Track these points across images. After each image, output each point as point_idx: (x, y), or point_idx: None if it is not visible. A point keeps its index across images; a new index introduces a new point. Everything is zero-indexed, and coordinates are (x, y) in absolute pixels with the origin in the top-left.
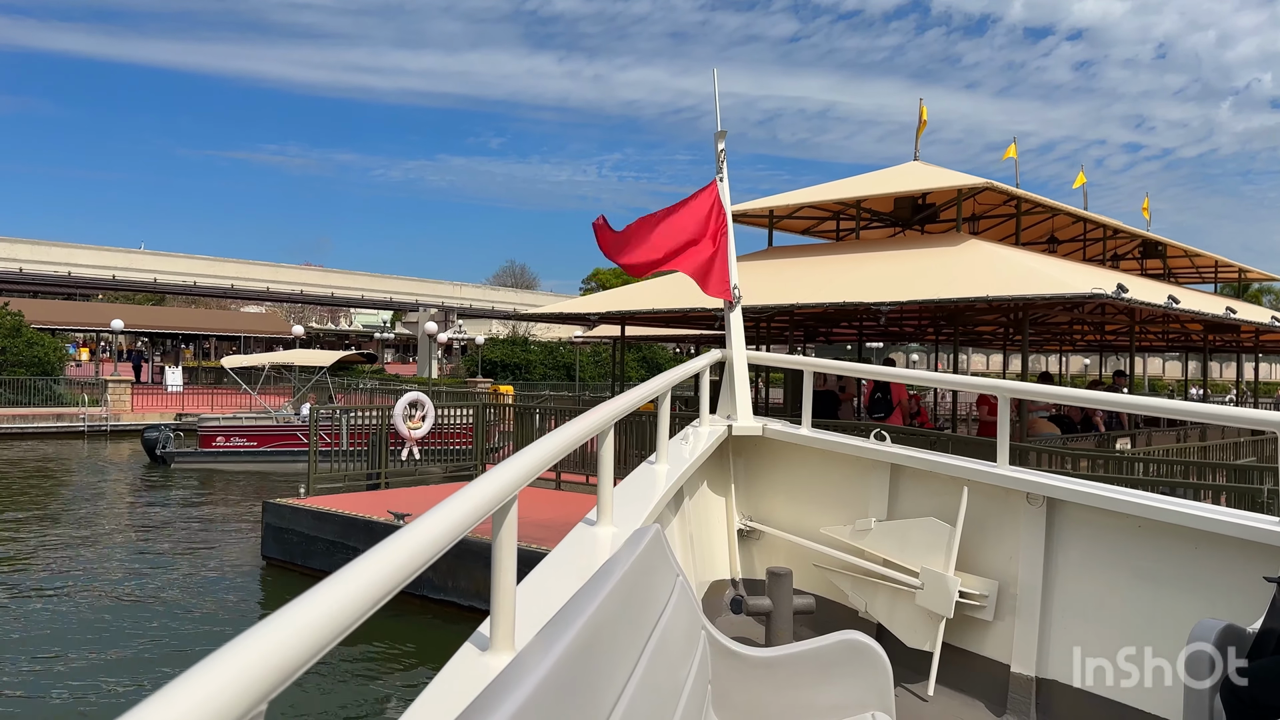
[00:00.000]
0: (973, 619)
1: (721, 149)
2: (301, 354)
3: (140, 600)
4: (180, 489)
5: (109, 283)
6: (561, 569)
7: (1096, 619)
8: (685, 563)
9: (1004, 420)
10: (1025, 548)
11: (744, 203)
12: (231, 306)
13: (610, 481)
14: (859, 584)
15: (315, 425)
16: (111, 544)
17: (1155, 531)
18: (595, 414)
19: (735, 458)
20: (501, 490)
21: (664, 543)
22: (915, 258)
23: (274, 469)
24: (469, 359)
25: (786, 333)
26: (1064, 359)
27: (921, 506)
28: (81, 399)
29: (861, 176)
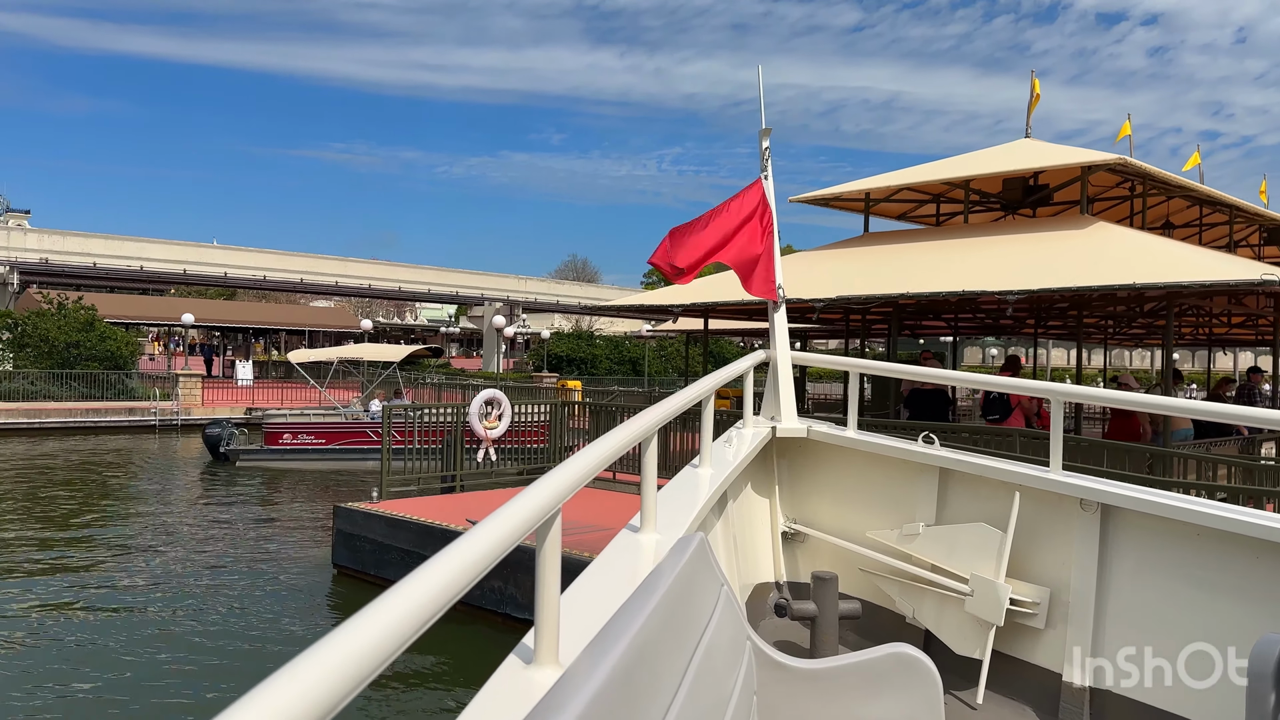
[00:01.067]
0: (1023, 626)
1: (766, 147)
2: (370, 348)
3: (204, 611)
4: (245, 489)
5: (180, 277)
6: (605, 578)
7: (1152, 628)
8: (729, 566)
9: (1057, 424)
10: (1078, 554)
11: (837, 186)
12: (301, 301)
13: (654, 487)
14: (906, 589)
15: (389, 424)
16: (175, 548)
17: (1215, 540)
18: (638, 421)
19: (779, 459)
20: (546, 504)
21: (708, 551)
22: (1035, 243)
23: (342, 468)
24: (534, 353)
25: (874, 326)
26: (1151, 353)
27: (971, 511)
28: (153, 393)
29: (967, 155)
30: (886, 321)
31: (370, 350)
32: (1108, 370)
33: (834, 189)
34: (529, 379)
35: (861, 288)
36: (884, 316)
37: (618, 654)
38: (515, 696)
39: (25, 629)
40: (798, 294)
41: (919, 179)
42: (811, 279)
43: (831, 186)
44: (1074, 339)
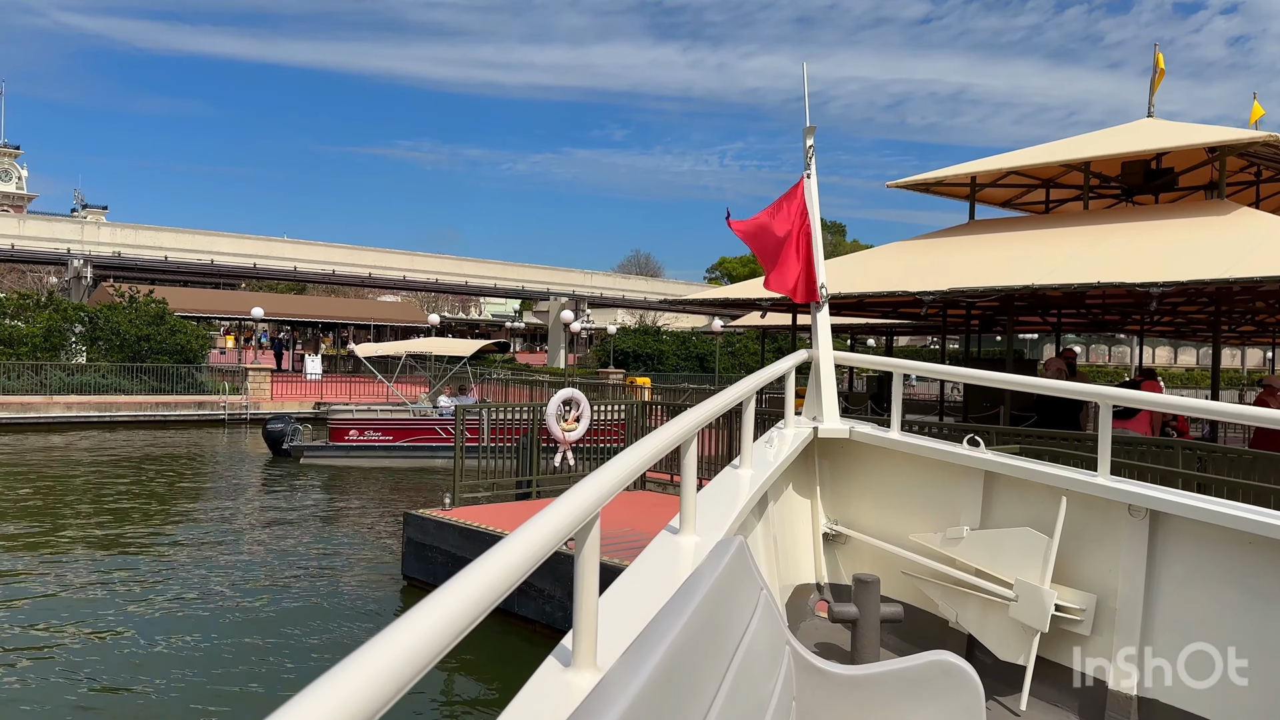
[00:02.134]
0: (1069, 633)
1: (810, 145)
2: (439, 342)
3: (263, 621)
4: (308, 488)
5: (250, 271)
6: (645, 581)
7: (1202, 637)
8: (769, 567)
9: (1105, 429)
10: (1126, 561)
11: (940, 169)
12: (369, 295)
13: (693, 489)
14: (949, 594)
15: (462, 425)
16: (232, 553)
17: (1267, 548)
18: (678, 423)
19: (821, 460)
20: (585, 509)
21: (748, 555)
22: (1170, 230)
23: (410, 465)
24: (599, 348)
25: (967, 322)
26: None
27: (1016, 516)
28: (222, 387)
29: (1082, 136)
30: (978, 316)
31: (439, 344)
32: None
33: (936, 173)
34: (595, 375)
35: (984, 278)
36: (985, 310)
37: (656, 659)
38: (554, 700)
39: (70, 629)
40: (904, 286)
41: (1030, 162)
42: (918, 270)
43: (933, 171)
44: (1175, 336)
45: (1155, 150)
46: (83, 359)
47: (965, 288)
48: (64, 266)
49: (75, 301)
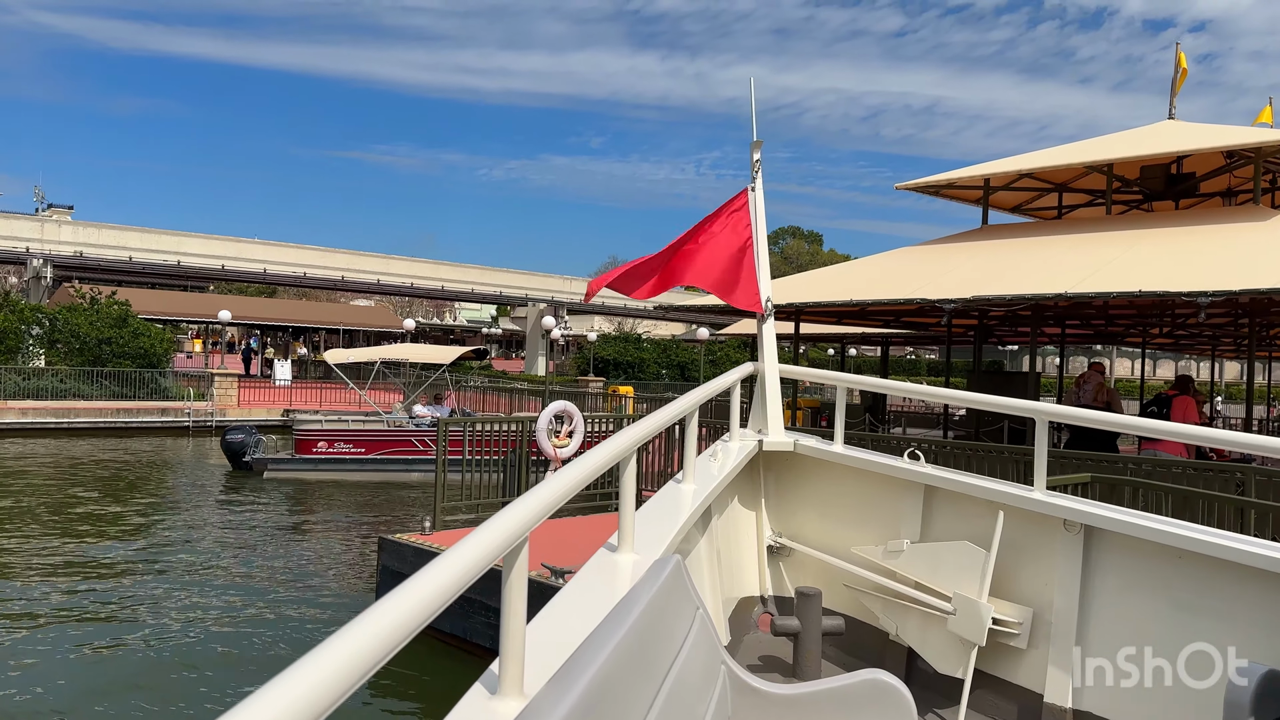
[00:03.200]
0: (1006, 646)
1: (757, 159)
2: (416, 349)
3: (215, 663)
4: (272, 506)
5: (218, 273)
6: (580, 601)
7: (1134, 651)
8: (712, 580)
9: (1041, 445)
10: (1061, 575)
11: (952, 171)
12: (341, 299)
13: (632, 507)
14: (890, 606)
15: (444, 440)
16: (185, 583)
17: (1197, 563)
18: (615, 442)
19: (766, 472)
20: (513, 533)
21: (684, 574)
22: (1203, 236)
23: (384, 479)
24: (578, 356)
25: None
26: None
27: (955, 529)
28: (187, 393)
29: (1101, 138)
30: (975, 327)
31: (416, 351)
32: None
33: (948, 174)
34: (575, 382)
35: (1011, 286)
36: (995, 321)
37: (584, 684)
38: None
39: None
40: (922, 294)
41: (1048, 164)
42: (932, 277)
43: (945, 172)
44: (1174, 349)
45: (1177, 153)
46: (40, 362)
47: (992, 295)
48: (23, 266)
49: (33, 303)
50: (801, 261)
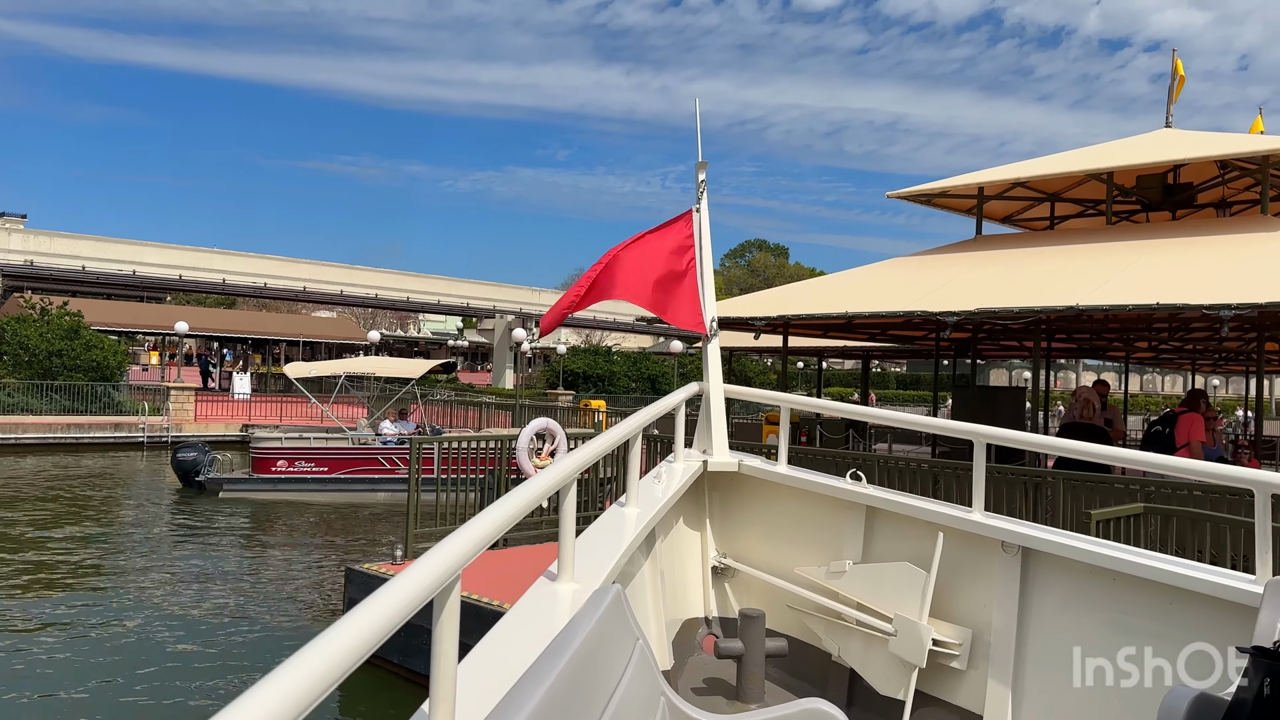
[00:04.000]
0: (946, 668)
1: (702, 179)
2: (382, 362)
3: (158, 714)
4: (227, 530)
5: (175, 283)
6: (517, 634)
7: (1070, 672)
8: (655, 603)
9: (979, 467)
10: (999, 596)
11: (944, 180)
12: (302, 311)
13: (572, 535)
14: (833, 628)
15: (417, 460)
16: (125, 618)
17: (1131, 585)
18: (554, 470)
19: (711, 493)
20: (443, 572)
21: (624, 604)
22: (1211, 247)
23: (348, 500)
24: (548, 369)
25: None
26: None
27: (897, 550)
28: (141, 407)
29: (1097, 147)
30: (956, 341)
31: (383, 364)
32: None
33: (940, 183)
34: (544, 396)
35: (1013, 298)
36: (985, 335)
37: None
38: None
39: None
40: (921, 306)
41: (1043, 172)
42: (931, 288)
43: (936, 181)
44: (1154, 364)
45: (1173, 161)
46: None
47: (998, 308)
48: None
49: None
50: (769, 274)
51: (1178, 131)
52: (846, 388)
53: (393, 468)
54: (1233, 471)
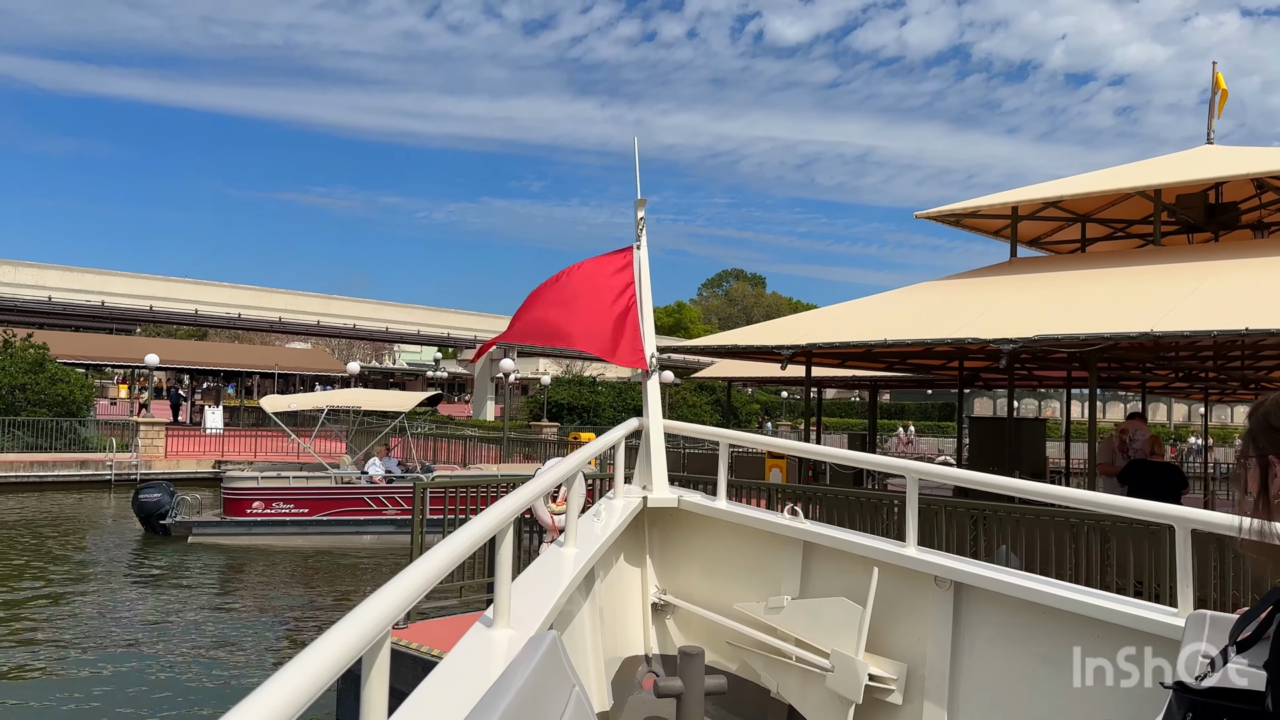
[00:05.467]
0: (882, 703)
1: (641, 217)
2: (368, 394)
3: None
4: (197, 582)
5: (146, 314)
6: (450, 685)
7: (1002, 705)
8: (594, 641)
9: (912, 502)
10: (933, 631)
11: (974, 199)
12: (275, 342)
13: (508, 579)
14: (771, 664)
15: (422, 505)
16: (76, 689)
17: (1059, 619)
18: (489, 516)
19: (651, 528)
20: (370, 632)
21: (560, 651)
22: (1269, 269)
23: (331, 545)
24: (531, 400)
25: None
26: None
27: (834, 585)
28: (109, 443)
29: (1135, 164)
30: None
31: (369, 397)
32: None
33: (970, 202)
34: (528, 428)
35: (1076, 324)
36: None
37: None
38: None
39: None
40: (974, 333)
41: (1083, 190)
42: (973, 314)
43: (964, 201)
44: (1164, 392)
45: (1214, 179)
46: None
47: (1061, 335)
48: None
49: None
50: (746, 304)
51: (1220, 148)
52: (832, 417)
53: (380, 508)
54: (1153, 507)
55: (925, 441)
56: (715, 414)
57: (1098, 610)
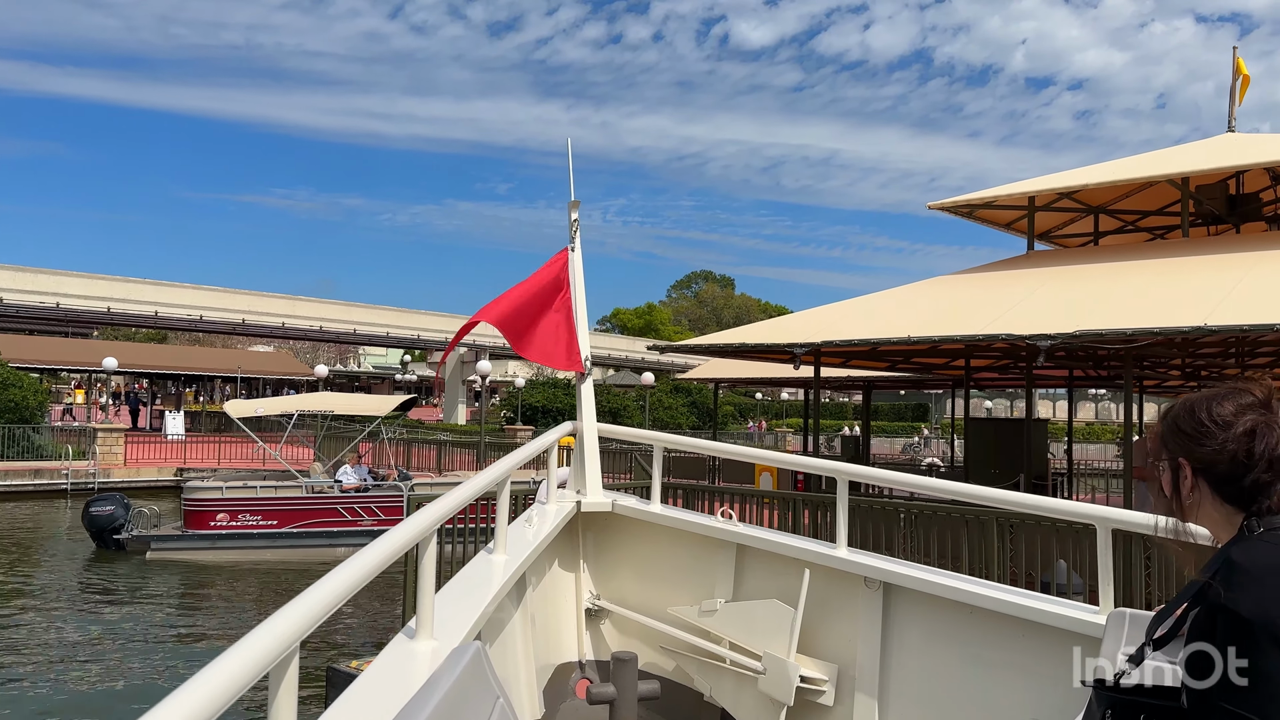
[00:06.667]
0: (813, 704)
1: (575, 219)
2: (341, 399)
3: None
4: (155, 603)
5: (103, 316)
6: (368, 701)
7: (931, 704)
8: (526, 648)
9: (842, 503)
10: (864, 631)
11: (991, 189)
12: (237, 345)
13: (431, 591)
14: (705, 668)
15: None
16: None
17: (985, 618)
18: (411, 524)
19: (585, 533)
20: (278, 648)
21: (484, 663)
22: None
23: (303, 558)
24: (503, 403)
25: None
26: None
27: (766, 588)
28: (65, 450)
29: (1151, 154)
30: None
31: (343, 401)
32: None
33: (986, 193)
34: (502, 432)
35: (1114, 319)
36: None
37: None
38: None
39: None
40: (1010, 329)
41: (1096, 180)
42: (1000, 310)
43: (982, 190)
44: (1159, 392)
45: (1235, 167)
46: None
47: (1106, 330)
48: None
49: None
50: (716, 305)
51: (1242, 136)
52: (797, 418)
53: (355, 519)
54: (1076, 507)
55: (895, 443)
56: (692, 416)
57: (1022, 610)
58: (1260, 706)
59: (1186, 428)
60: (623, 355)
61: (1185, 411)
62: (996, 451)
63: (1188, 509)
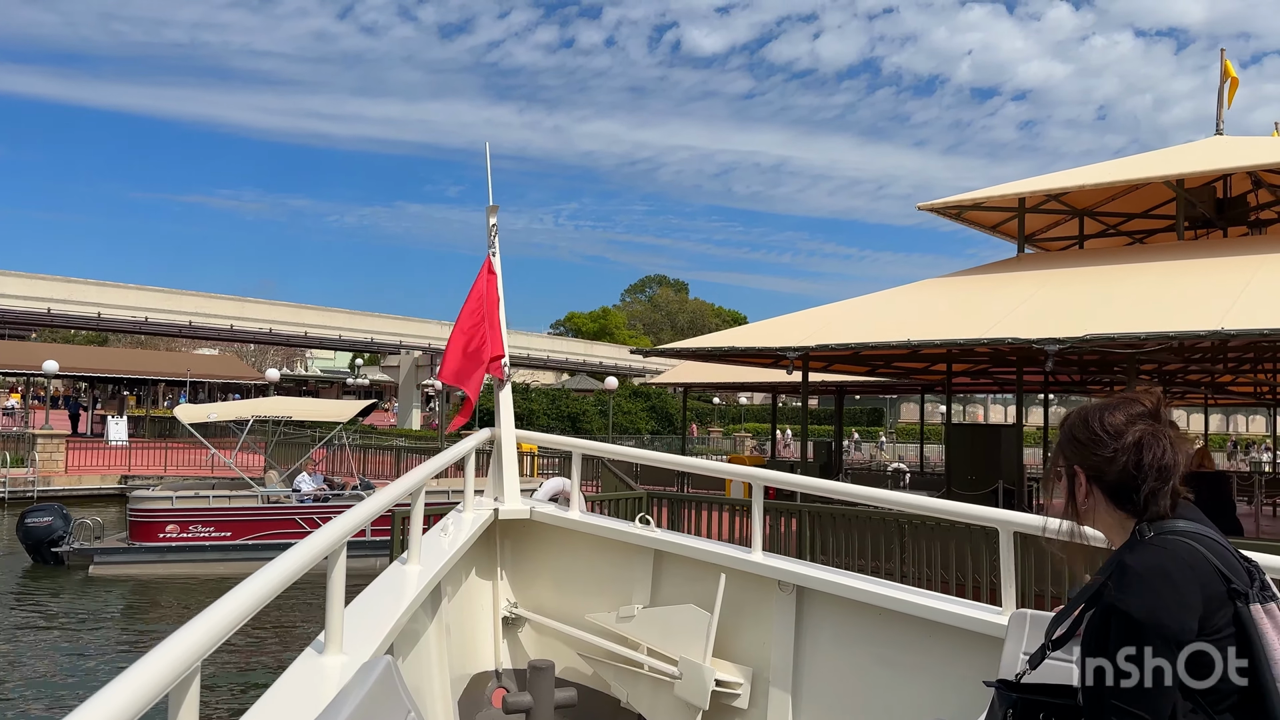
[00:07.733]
0: (729, 708)
1: (493, 223)
2: (300, 404)
3: None
4: (98, 623)
5: (44, 317)
6: (272, 718)
7: (842, 706)
8: (441, 659)
9: (757, 506)
10: (777, 634)
11: (981, 190)
12: (182, 348)
13: (340, 604)
14: (622, 674)
15: (401, 532)
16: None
17: (895, 620)
18: (317, 539)
19: (503, 540)
20: (177, 668)
21: (395, 676)
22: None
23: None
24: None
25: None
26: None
27: (683, 593)
28: (3, 457)
29: (1137, 157)
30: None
31: (301, 406)
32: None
33: (975, 194)
34: (459, 438)
35: (1122, 323)
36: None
37: None
38: None
39: None
40: (1014, 333)
41: (1084, 181)
42: (1000, 314)
43: (972, 191)
44: None
45: (1225, 169)
46: None
47: (1118, 334)
48: None
49: None
50: (670, 309)
51: (1229, 139)
52: (761, 423)
53: (312, 529)
54: (980, 511)
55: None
56: (652, 420)
57: (928, 611)
58: (1151, 704)
59: (1081, 436)
60: (580, 359)
61: (1080, 421)
62: (978, 457)
63: (1084, 514)
